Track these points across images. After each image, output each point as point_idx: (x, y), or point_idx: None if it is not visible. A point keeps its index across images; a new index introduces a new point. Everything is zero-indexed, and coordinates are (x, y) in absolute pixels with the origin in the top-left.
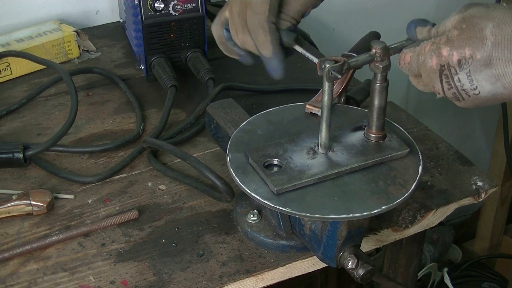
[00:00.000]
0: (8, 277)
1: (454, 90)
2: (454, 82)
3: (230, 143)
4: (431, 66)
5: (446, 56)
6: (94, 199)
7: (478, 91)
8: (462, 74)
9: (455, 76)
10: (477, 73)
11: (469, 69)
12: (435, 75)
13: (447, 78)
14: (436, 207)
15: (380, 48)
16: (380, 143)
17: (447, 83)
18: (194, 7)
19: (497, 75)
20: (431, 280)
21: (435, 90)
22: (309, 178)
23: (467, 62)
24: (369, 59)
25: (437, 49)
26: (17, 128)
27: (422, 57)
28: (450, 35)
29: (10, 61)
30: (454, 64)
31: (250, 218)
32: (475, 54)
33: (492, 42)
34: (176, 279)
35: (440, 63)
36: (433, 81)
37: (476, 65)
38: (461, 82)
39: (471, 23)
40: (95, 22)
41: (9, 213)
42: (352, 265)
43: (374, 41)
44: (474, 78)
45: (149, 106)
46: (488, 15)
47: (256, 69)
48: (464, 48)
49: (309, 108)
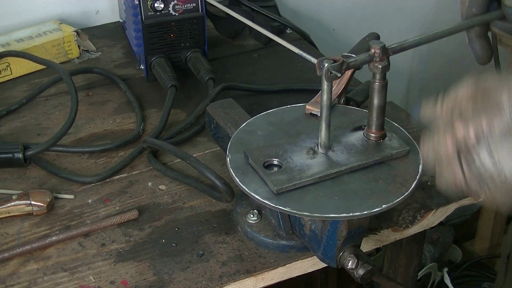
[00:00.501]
0: (8, 277)
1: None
2: (475, 161)
3: (230, 144)
4: (447, 146)
5: (462, 132)
6: (94, 199)
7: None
8: (482, 150)
9: (475, 154)
10: (498, 146)
11: (488, 144)
12: (453, 156)
13: (466, 158)
14: (436, 207)
15: (379, 48)
16: (380, 143)
17: (467, 164)
18: (194, 7)
19: None
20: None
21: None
22: (309, 178)
23: (485, 136)
24: (368, 59)
25: (451, 126)
26: (17, 128)
27: (437, 139)
28: (464, 108)
29: (10, 61)
30: (471, 139)
31: (250, 218)
32: (493, 125)
33: (509, 111)
34: (176, 279)
35: (456, 142)
36: (452, 165)
37: (496, 138)
38: (481, 160)
39: (485, 93)
40: (95, 22)
41: (9, 213)
42: (352, 265)
43: (373, 41)
44: (495, 152)
45: (149, 106)
46: (502, 84)
47: (256, 69)
48: (480, 119)
49: (309, 109)
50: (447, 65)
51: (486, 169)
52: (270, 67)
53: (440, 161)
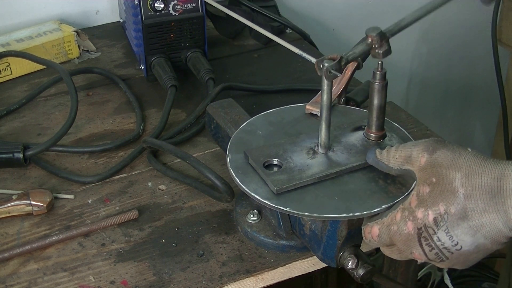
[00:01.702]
0: (8, 277)
1: (436, 251)
2: (434, 242)
3: (230, 144)
4: (408, 232)
5: (422, 217)
6: (94, 199)
7: (460, 246)
8: (441, 232)
9: (434, 236)
10: (455, 227)
11: (446, 226)
12: (414, 240)
13: (426, 240)
14: None
15: (376, 34)
16: (380, 143)
17: (427, 245)
18: (194, 7)
19: (475, 226)
20: (431, 280)
21: (414, 256)
22: (309, 178)
23: (443, 218)
24: (366, 49)
25: (411, 213)
26: (17, 128)
27: (395, 227)
28: (421, 193)
29: (10, 61)
30: (431, 224)
31: (250, 218)
32: (449, 209)
33: (463, 194)
34: (176, 279)
35: (417, 227)
36: (411, 247)
37: (453, 220)
38: (441, 240)
39: (440, 176)
40: (95, 22)
41: (9, 213)
42: (352, 265)
43: (368, 28)
44: (453, 233)
45: (149, 106)
46: (455, 164)
47: (256, 69)
48: (437, 204)
49: (309, 109)
50: (447, 65)
51: (445, 246)
52: (270, 67)
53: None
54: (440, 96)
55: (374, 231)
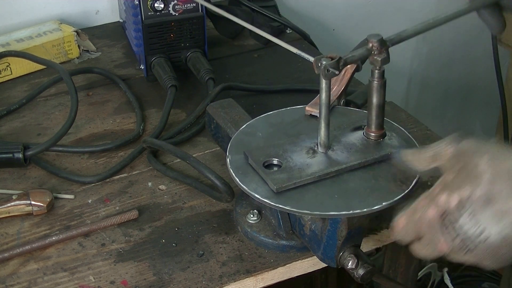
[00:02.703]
0: (8, 277)
1: (460, 238)
2: (458, 229)
3: (230, 145)
4: (430, 218)
5: (444, 202)
6: (94, 199)
7: (485, 235)
8: (464, 217)
9: (457, 223)
10: (480, 212)
11: (470, 210)
12: (436, 227)
13: (449, 226)
14: None
15: (376, 41)
16: (379, 142)
17: (450, 232)
18: (194, 7)
19: (501, 210)
20: (431, 280)
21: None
22: (309, 176)
23: (467, 203)
24: (366, 54)
25: (433, 199)
26: (17, 128)
27: (418, 214)
28: (445, 178)
29: (10, 61)
30: (453, 209)
31: (250, 218)
32: (474, 193)
33: (488, 178)
34: (176, 279)
35: (439, 212)
36: (435, 235)
37: (477, 204)
38: (464, 227)
39: (465, 161)
40: (95, 22)
41: (9, 213)
42: (352, 265)
43: (370, 34)
44: (477, 218)
45: (149, 106)
46: (480, 150)
47: (256, 69)
48: (461, 188)
49: (308, 110)
50: (447, 65)
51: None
52: (270, 67)
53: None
54: (440, 96)
55: (401, 221)
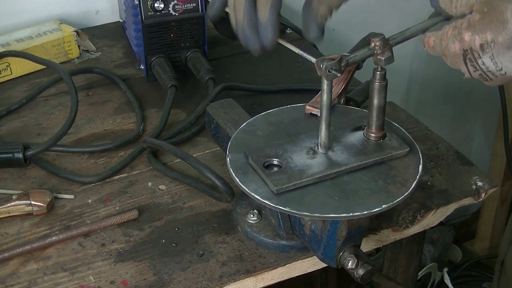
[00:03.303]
0: (8, 277)
1: (480, 72)
2: (479, 65)
3: (230, 144)
4: (454, 51)
5: (468, 41)
6: (94, 199)
7: (504, 71)
8: (486, 57)
9: (479, 60)
10: (501, 55)
11: (492, 53)
12: (459, 59)
13: (471, 62)
14: (436, 207)
15: (378, 40)
16: (380, 143)
17: (472, 66)
18: (194, 7)
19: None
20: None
21: (462, 71)
22: (309, 178)
23: (489, 46)
24: (368, 54)
25: (459, 34)
26: (17, 128)
27: (445, 42)
28: (472, 19)
29: (10, 61)
30: (476, 48)
31: (250, 218)
32: (497, 38)
33: None
34: (176, 279)
35: (463, 48)
36: (458, 64)
37: (499, 48)
38: (485, 65)
39: (492, 6)
40: (95, 22)
41: (9, 213)
42: (352, 265)
43: (372, 33)
44: (498, 60)
45: (149, 106)
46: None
47: (256, 69)
48: (485, 32)
49: (309, 109)
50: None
51: (489, 70)
52: (270, 67)
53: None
54: (440, 96)
55: (430, 42)
